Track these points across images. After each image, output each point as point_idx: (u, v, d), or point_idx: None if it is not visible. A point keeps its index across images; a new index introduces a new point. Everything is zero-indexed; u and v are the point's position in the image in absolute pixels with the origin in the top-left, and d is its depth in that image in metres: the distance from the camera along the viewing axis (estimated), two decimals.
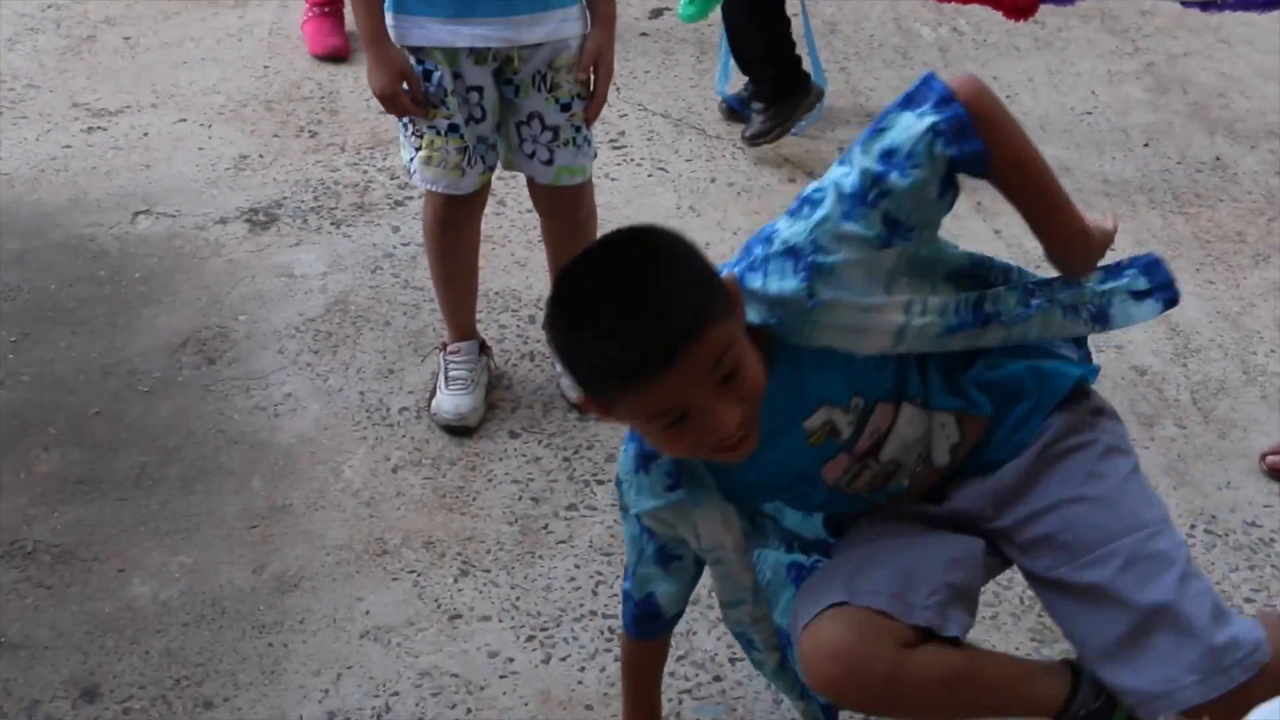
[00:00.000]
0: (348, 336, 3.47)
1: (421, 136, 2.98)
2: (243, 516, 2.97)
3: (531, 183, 3.11)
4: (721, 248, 3.86)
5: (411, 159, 3.03)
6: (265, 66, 4.63)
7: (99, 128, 4.27)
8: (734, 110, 4.37)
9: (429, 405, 3.23)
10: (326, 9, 4.72)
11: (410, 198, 3.98)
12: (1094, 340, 3.48)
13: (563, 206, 3.13)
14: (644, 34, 4.86)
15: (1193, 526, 2.96)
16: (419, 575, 2.82)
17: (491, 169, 3.07)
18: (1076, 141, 4.37)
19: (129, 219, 3.88)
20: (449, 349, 3.25)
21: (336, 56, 4.64)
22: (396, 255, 3.76)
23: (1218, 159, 4.29)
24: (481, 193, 3.11)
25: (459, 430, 3.17)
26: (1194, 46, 4.90)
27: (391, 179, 4.06)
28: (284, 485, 3.04)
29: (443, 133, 2.96)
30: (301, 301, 3.59)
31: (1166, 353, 3.50)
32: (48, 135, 4.22)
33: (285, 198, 3.98)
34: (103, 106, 4.38)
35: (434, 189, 3.04)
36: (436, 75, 2.90)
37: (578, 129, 3.00)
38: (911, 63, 4.77)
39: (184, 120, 4.34)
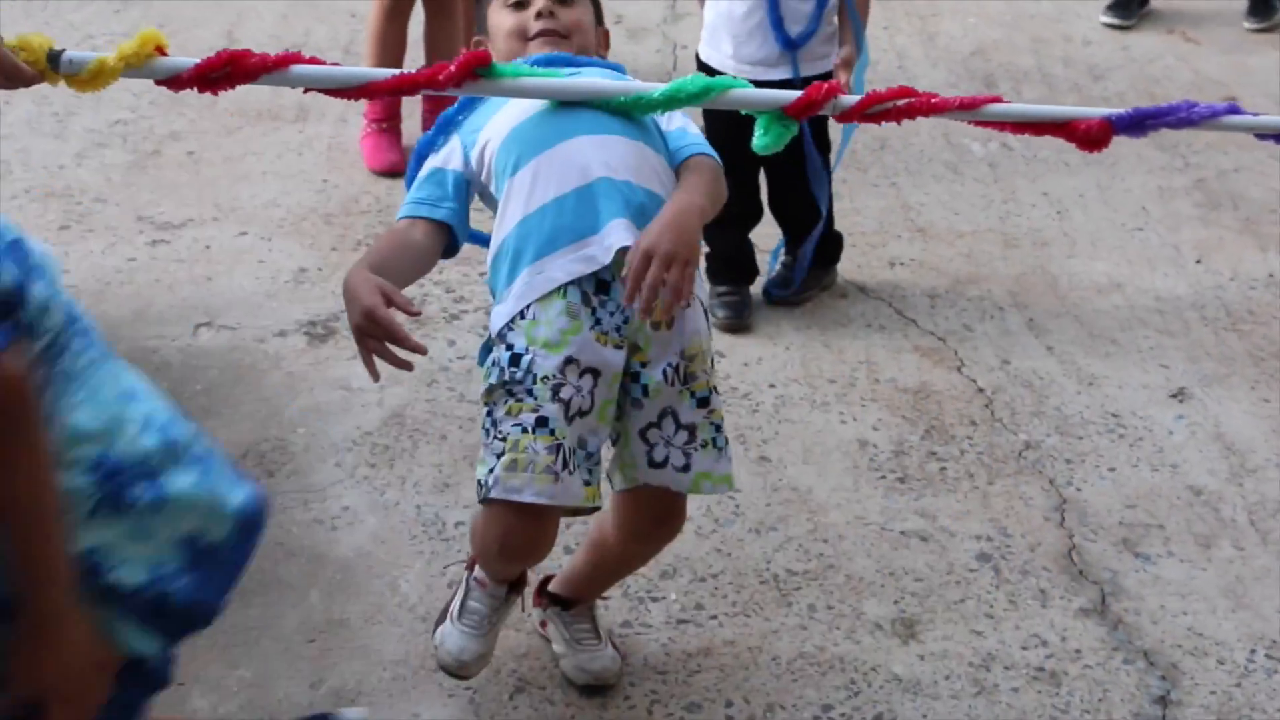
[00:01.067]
0: (404, 450, 3.51)
1: (505, 439, 2.45)
2: (301, 630, 2.99)
3: (625, 495, 2.63)
4: (773, 363, 3.89)
5: (491, 470, 2.45)
6: (324, 181, 4.72)
7: (163, 241, 4.36)
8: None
9: (436, 623, 2.88)
10: (384, 125, 4.81)
11: (465, 311, 4.03)
12: (1148, 459, 3.50)
13: (669, 517, 2.66)
14: None
15: (1252, 651, 2.95)
16: (474, 692, 2.83)
17: (590, 485, 2.50)
18: (1128, 258, 4.40)
19: (191, 331, 3.94)
20: (477, 574, 2.79)
21: (394, 172, 4.72)
22: (452, 369, 3.80)
23: (1270, 275, 4.30)
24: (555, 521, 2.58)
25: (455, 674, 2.79)
26: (1244, 162, 4.93)
27: (447, 292, 4.12)
28: (341, 599, 3.07)
29: (529, 429, 2.45)
30: (359, 415, 3.64)
31: (1222, 472, 3.49)
32: (113, 248, 4.31)
33: (343, 311, 4.02)
34: (166, 220, 4.46)
35: (516, 498, 2.44)
36: (526, 358, 2.46)
37: (717, 427, 2.58)
38: (962, 178, 4.81)
39: (245, 234, 4.42)
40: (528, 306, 2.47)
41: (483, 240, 2.67)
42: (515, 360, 2.46)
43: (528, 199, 2.49)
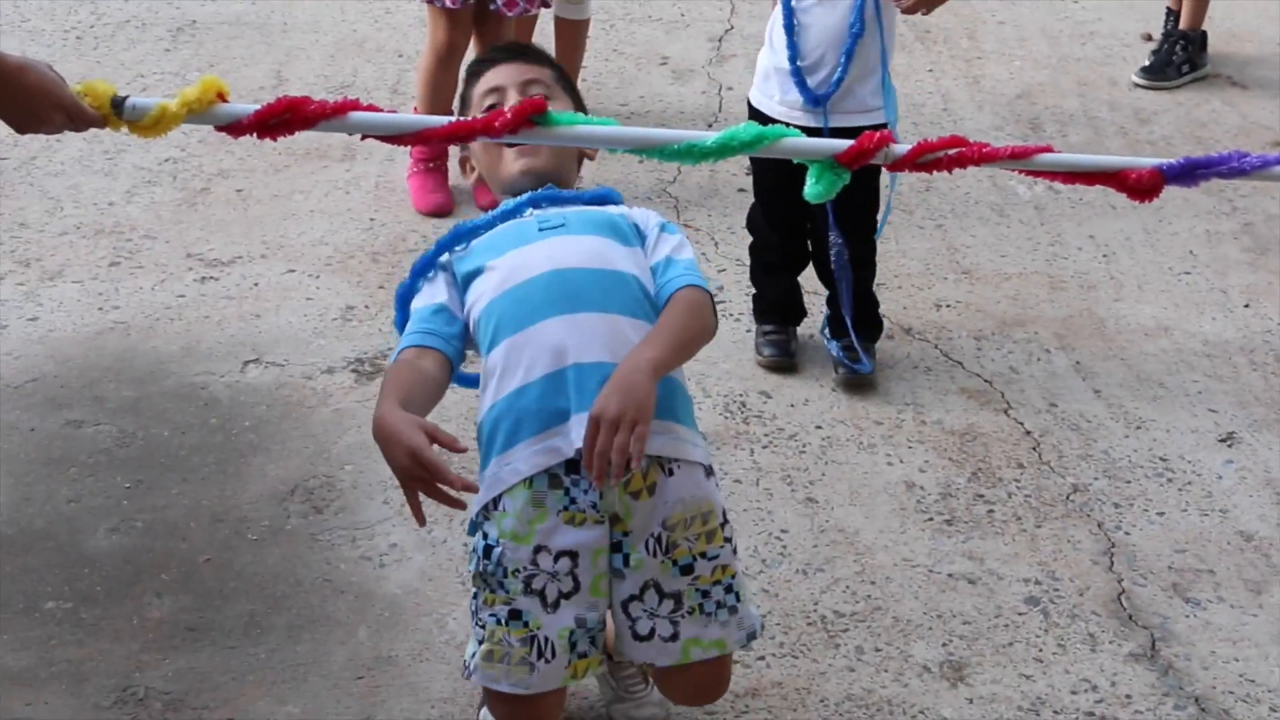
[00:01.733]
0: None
1: (484, 627, 2.51)
2: (349, 667, 3.00)
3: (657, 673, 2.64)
4: (820, 404, 3.89)
5: (473, 654, 2.53)
6: (371, 219, 4.74)
7: (211, 278, 4.39)
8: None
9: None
10: (431, 165, 4.84)
11: None
12: (1198, 504, 3.48)
13: (706, 690, 2.66)
14: (741, 189, 4.93)
15: None
16: None
17: (586, 657, 2.53)
18: (1175, 301, 4.38)
19: (239, 368, 3.97)
20: None
21: (440, 212, 4.75)
22: None
23: None
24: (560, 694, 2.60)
25: None
26: None
27: None
28: (389, 636, 3.08)
29: (503, 621, 2.49)
30: None
31: (1273, 518, 3.47)
32: (163, 285, 4.34)
33: (390, 348, 4.05)
34: (215, 257, 4.50)
35: (495, 688, 2.51)
36: (496, 551, 2.48)
37: (704, 593, 2.52)
38: (1008, 220, 4.81)
39: (293, 271, 4.45)
40: (497, 497, 2.47)
41: (473, 383, 2.64)
42: (488, 552, 2.48)
43: (499, 384, 2.47)
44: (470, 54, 4.84)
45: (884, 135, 2.50)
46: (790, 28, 3.76)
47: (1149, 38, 6.07)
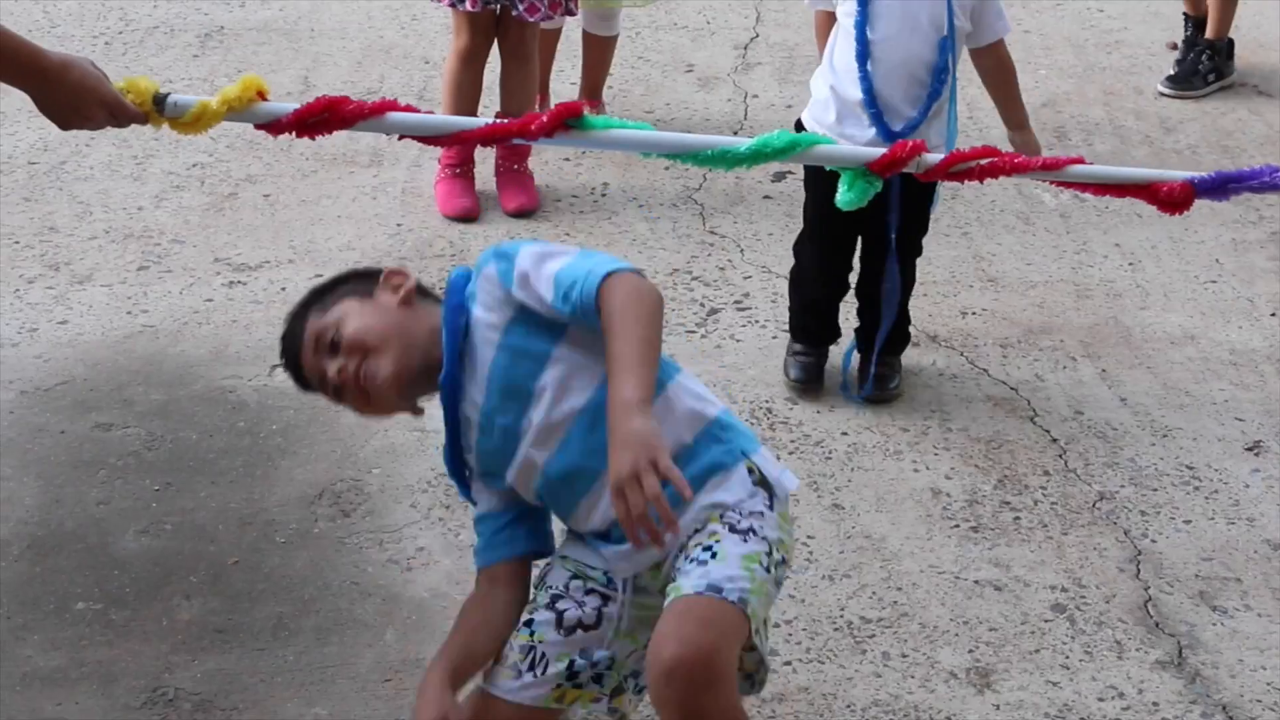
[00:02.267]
0: None
1: None
2: (377, 669, 3.01)
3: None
4: (845, 410, 3.89)
5: None
6: (398, 225, 4.76)
7: (239, 282, 4.41)
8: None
9: None
10: (458, 170, 4.86)
11: None
12: (1224, 512, 3.47)
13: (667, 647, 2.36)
14: (767, 196, 4.94)
15: None
16: None
17: (580, 689, 2.54)
18: (1201, 310, 4.38)
19: (267, 371, 3.98)
20: None
21: (467, 217, 4.76)
22: None
23: None
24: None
25: None
26: None
27: None
28: (417, 639, 3.09)
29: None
30: (434, 456, 3.65)
31: None
32: (191, 289, 4.36)
33: None
34: (243, 262, 4.52)
35: (482, 684, 2.56)
36: (544, 563, 2.62)
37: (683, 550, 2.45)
38: (1034, 228, 4.81)
39: (320, 276, 4.43)
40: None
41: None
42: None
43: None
44: (495, 59, 4.86)
45: (916, 144, 2.51)
46: (863, 57, 3.66)
47: (1174, 46, 6.05)
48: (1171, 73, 5.79)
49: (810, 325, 4.00)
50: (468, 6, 4.61)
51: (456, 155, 4.84)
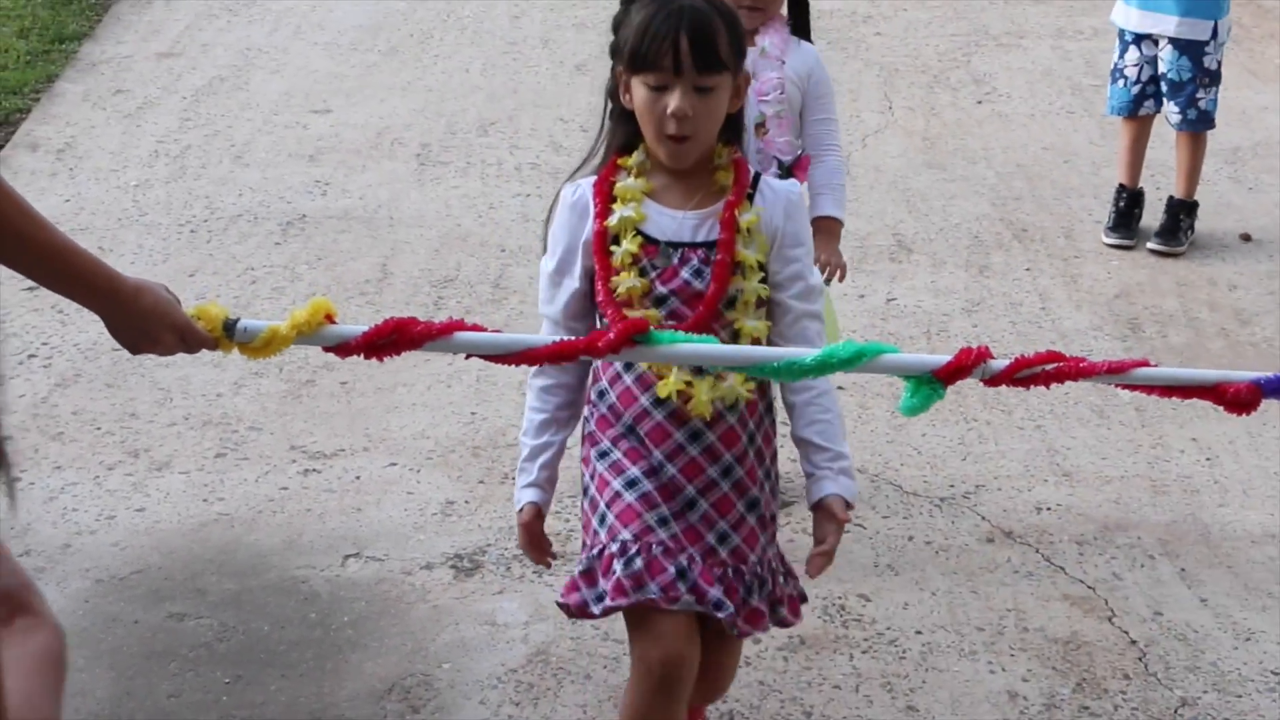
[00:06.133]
0: (549, 689, 3.51)
1: None
2: None
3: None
4: (920, 608, 3.85)
5: None
6: (473, 413, 4.80)
7: (314, 470, 4.45)
8: None
9: None
10: None
11: None
12: None
13: None
14: (840, 387, 4.94)
15: None
16: None
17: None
18: None
19: (339, 562, 4.00)
20: None
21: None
22: None
23: None
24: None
25: None
26: None
27: None
28: None
29: None
30: (504, 651, 3.65)
31: None
32: (266, 477, 4.41)
33: (489, 545, 4.09)
34: (319, 449, 4.56)
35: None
36: None
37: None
38: (1108, 421, 4.78)
39: (394, 464, 4.50)
40: None
41: None
42: None
43: None
44: None
45: (981, 350, 2.53)
46: None
47: (1247, 237, 6.06)
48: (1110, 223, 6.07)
49: None
50: None
51: None
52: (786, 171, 3.84)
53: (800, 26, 4.01)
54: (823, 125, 4.01)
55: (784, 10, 3.97)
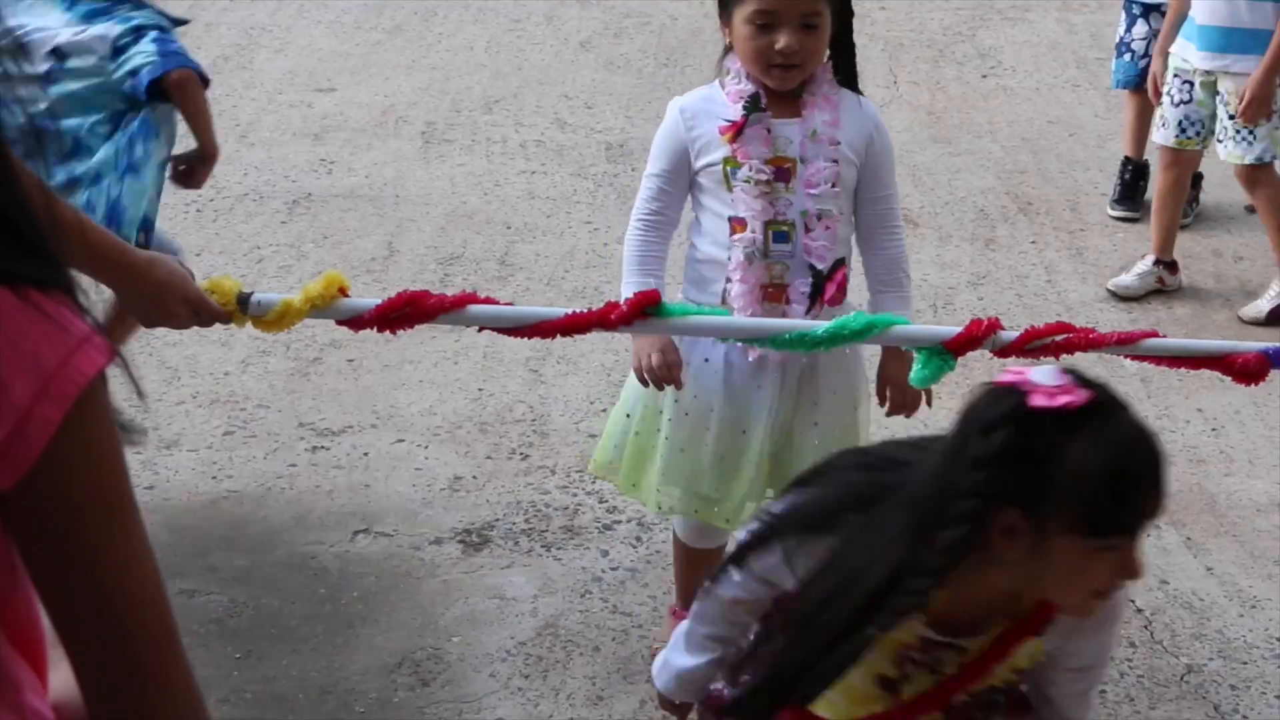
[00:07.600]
0: (558, 661, 3.53)
1: None
2: None
3: None
4: None
5: None
6: (479, 389, 4.81)
7: (322, 447, 4.47)
8: None
9: None
10: None
11: (619, 521, 4.06)
12: None
13: None
14: None
15: None
16: None
17: None
18: None
19: (349, 537, 4.02)
20: None
21: None
22: (605, 580, 3.83)
23: None
24: None
25: None
26: None
27: (600, 503, 4.16)
28: None
29: None
30: (513, 625, 3.66)
31: None
32: (275, 454, 4.42)
33: (498, 519, 4.10)
34: (326, 427, 4.58)
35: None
36: None
37: None
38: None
39: (402, 441, 4.52)
40: None
41: None
42: None
43: None
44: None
45: (992, 322, 2.54)
46: None
47: (1253, 209, 6.06)
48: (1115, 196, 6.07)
49: None
50: None
51: None
52: (819, 280, 3.06)
53: (849, 77, 3.29)
54: (883, 203, 3.25)
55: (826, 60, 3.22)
